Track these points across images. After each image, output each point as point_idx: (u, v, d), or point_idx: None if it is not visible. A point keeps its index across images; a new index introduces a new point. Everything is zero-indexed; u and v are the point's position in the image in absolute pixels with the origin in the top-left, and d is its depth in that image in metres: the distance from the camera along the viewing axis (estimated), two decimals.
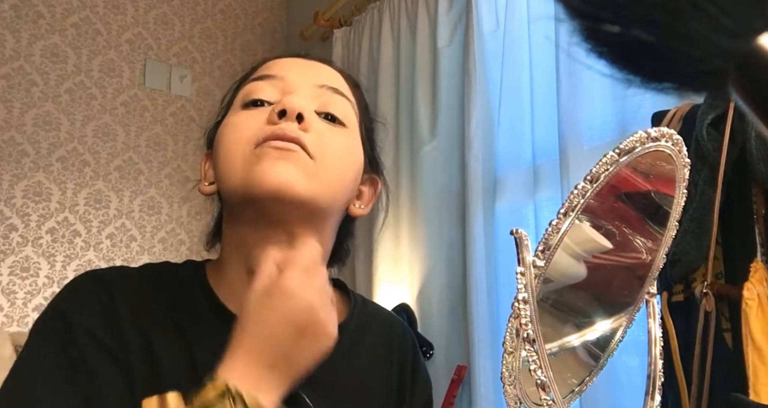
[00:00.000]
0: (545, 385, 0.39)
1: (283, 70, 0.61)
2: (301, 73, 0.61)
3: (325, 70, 0.64)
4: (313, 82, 0.61)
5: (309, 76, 0.61)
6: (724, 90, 0.26)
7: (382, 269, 1.95)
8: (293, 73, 0.61)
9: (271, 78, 0.60)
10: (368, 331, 0.70)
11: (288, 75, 0.61)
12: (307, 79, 0.61)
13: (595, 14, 0.27)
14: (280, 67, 0.62)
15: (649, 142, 0.42)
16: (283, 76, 0.60)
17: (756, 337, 0.93)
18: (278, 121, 0.56)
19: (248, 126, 0.57)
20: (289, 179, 0.54)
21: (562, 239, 0.41)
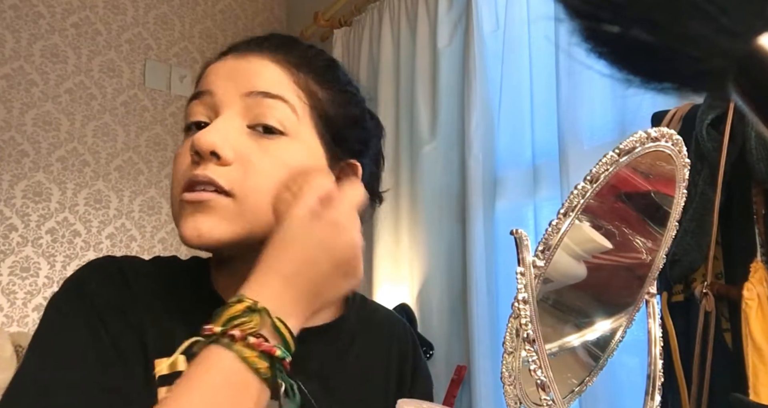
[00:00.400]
0: (545, 385, 0.39)
1: (212, 84, 0.58)
2: (227, 83, 0.57)
3: (256, 70, 0.58)
4: (241, 90, 0.57)
5: (237, 84, 0.57)
6: (724, 90, 0.26)
7: (382, 269, 1.95)
8: (220, 85, 0.57)
9: (203, 95, 0.58)
10: (368, 327, 0.70)
11: (216, 89, 0.57)
12: (234, 89, 0.57)
13: (595, 14, 0.27)
14: (210, 79, 0.59)
15: (649, 143, 0.42)
16: (212, 91, 0.57)
17: (756, 337, 0.93)
18: (198, 161, 0.54)
19: (180, 163, 0.57)
20: (202, 231, 0.53)
21: (562, 239, 0.41)
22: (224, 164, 0.54)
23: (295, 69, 0.60)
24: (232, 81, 0.57)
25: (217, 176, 0.53)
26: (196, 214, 0.53)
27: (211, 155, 0.53)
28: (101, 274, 0.59)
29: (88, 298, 0.56)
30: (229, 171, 0.54)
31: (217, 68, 0.59)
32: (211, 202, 0.53)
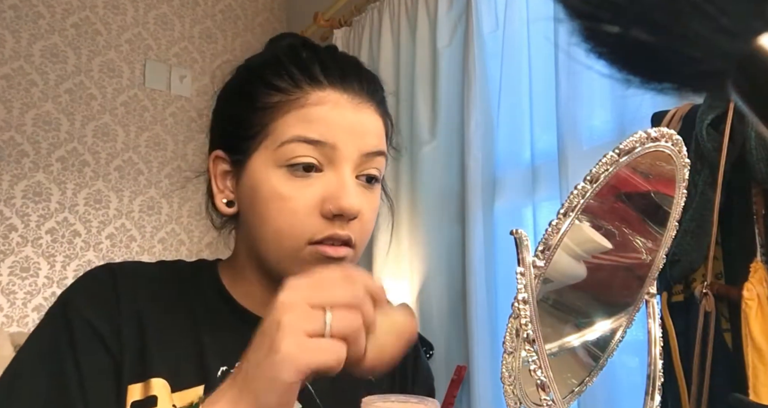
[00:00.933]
0: (545, 385, 0.39)
1: (334, 138, 0.59)
2: (350, 141, 0.60)
3: (371, 128, 0.62)
4: (362, 149, 0.60)
5: (357, 142, 0.60)
6: (724, 90, 0.26)
7: (382, 269, 1.95)
8: (343, 141, 0.59)
9: (322, 145, 0.58)
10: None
11: (338, 144, 0.59)
12: (355, 146, 0.60)
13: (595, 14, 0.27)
14: (331, 131, 0.59)
15: (648, 143, 0.42)
16: (333, 144, 0.59)
17: (756, 337, 0.93)
18: (333, 219, 0.58)
19: (298, 209, 0.58)
20: None
21: (562, 239, 0.41)
22: (353, 221, 0.59)
23: (385, 115, 0.65)
24: (353, 137, 0.60)
25: (352, 234, 0.59)
26: (330, 265, 0.57)
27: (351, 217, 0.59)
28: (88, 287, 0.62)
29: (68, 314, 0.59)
30: (356, 226, 0.60)
31: (334, 117, 0.60)
32: (346, 256, 0.60)
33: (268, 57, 0.65)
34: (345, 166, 0.59)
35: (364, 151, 0.60)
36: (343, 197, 0.57)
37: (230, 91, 0.67)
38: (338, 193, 0.57)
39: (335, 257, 0.58)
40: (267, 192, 0.59)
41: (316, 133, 0.58)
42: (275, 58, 0.63)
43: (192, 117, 2.56)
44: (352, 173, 0.60)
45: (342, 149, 0.59)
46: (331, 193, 0.58)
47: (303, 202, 0.58)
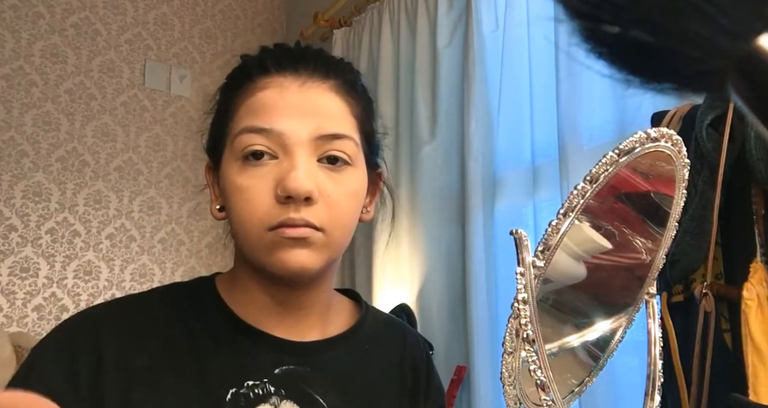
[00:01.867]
0: (545, 385, 0.39)
1: (279, 123, 0.58)
2: (297, 124, 0.59)
3: (322, 108, 0.60)
4: (312, 133, 0.59)
5: (306, 125, 0.59)
6: (724, 90, 0.26)
7: (382, 270, 1.95)
8: (289, 126, 0.58)
9: (268, 133, 0.58)
10: (381, 336, 0.72)
11: (284, 129, 0.58)
12: (304, 130, 0.59)
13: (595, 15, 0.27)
14: (275, 116, 0.59)
15: (648, 143, 0.42)
16: (280, 131, 0.58)
17: (755, 337, 0.93)
18: (286, 202, 0.57)
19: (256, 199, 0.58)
20: (306, 264, 0.58)
21: (562, 240, 0.41)
22: (312, 204, 0.58)
23: (348, 97, 0.63)
24: (300, 120, 0.59)
25: (311, 217, 0.57)
26: (296, 249, 0.58)
27: (304, 199, 0.57)
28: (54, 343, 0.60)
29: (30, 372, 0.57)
30: (317, 209, 0.58)
31: (278, 100, 0.59)
32: (310, 238, 0.58)
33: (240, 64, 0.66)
34: (297, 150, 0.58)
35: (316, 134, 0.59)
36: (290, 178, 0.56)
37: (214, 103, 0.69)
38: (286, 175, 0.57)
39: (295, 237, 0.57)
40: (229, 186, 0.60)
41: (260, 121, 0.59)
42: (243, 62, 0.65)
43: (192, 117, 2.56)
44: (310, 156, 0.59)
45: (290, 134, 0.58)
46: (281, 177, 0.57)
47: (257, 191, 0.58)
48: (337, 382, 0.64)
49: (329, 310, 0.69)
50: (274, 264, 0.58)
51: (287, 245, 0.57)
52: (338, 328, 0.68)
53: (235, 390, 0.59)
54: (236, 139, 0.59)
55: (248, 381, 0.60)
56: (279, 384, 0.61)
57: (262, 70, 0.61)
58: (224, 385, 0.59)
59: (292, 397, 0.61)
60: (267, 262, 0.59)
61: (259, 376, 0.61)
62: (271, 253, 0.58)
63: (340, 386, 0.64)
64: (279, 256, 0.58)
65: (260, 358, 0.62)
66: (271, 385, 0.61)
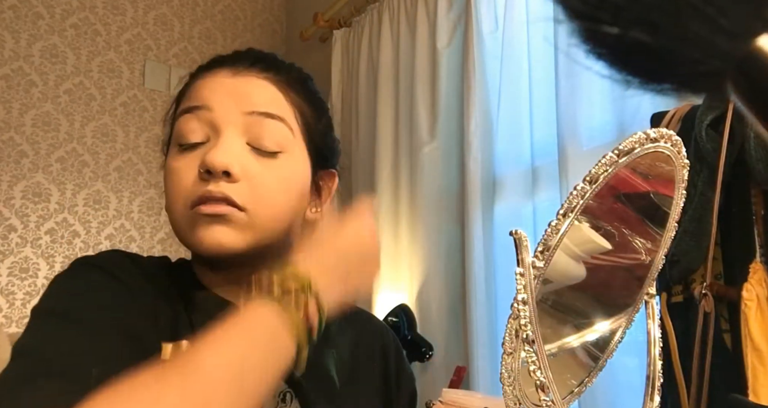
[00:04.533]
0: (544, 385, 0.39)
1: (209, 99, 0.60)
2: (227, 101, 0.60)
3: (253, 89, 0.62)
4: (241, 109, 0.60)
5: (237, 102, 0.60)
6: (723, 91, 0.26)
7: (382, 270, 1.95)
8: (219, 102, 0.60)
9: (199, 109, 0.60)
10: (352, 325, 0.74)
11: (214, 105, 0.60)
12: (234, 107, 0.60)
13: (594, 15, 0.27)
14: (206, 94, 0.61)
15: (648, 143, 0.42)
16: (210, 107, 0.60)
17: (755, 337, 0.93)
18: (207, 178, 0.58)
19: (183, 178, 0.60)
20: (222, 241, 0.58)
21: (562, 240, 0.41)
22: (233, 181, 0.58)
23: (286, 87, 0.64)
24: (232, 98, 0.60)
25: (230, 193, 0.58)
26: (214, 226, 0.58)
27: (222, 174, 0.57)
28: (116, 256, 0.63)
29: (107, 269, 0.59)
30: (239, 187, 0.58)
31: (211, 84, 0.62)
32: (228, 215, 0.58)
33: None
34: (226, 129, 0.59)
35: (244, 110, 0.60)
36: (208, 154, 0.57)
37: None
38: (208, 152, 0.58)
39: (211, 214, 0.58)
40: (166, 172, 0.62)
41: (192, 101, 0.61)
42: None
43: None
44: (239, 136, 0.59)
45: (218, 110, 0.59)
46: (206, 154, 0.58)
47: (185, 172, 0.60)
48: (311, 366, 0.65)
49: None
50: (195, 242, 0.59)
51: (205, 221, 0.58)
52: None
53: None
54: (175, 125, 0.62)
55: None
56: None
57: (205, 68, 0.64)
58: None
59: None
60: (190, 242, 0.60)
61: None
62: (192, 230, 0.59)
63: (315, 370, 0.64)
64: (198, 233, 0.58)
65: None
66: None
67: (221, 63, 0.63)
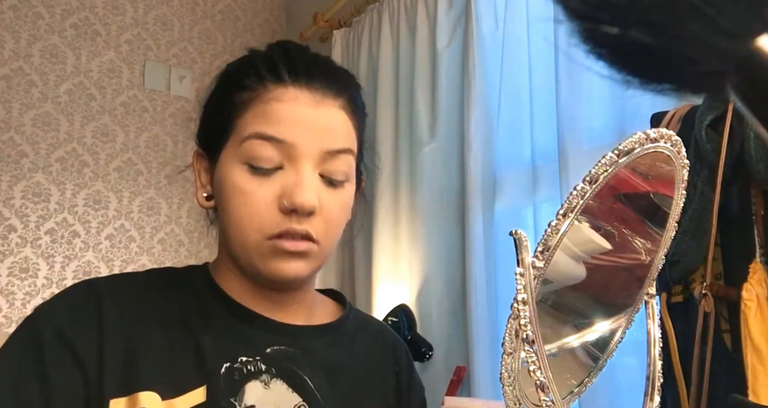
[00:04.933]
0: (544, 386, 0.39)
1: (292, 135, 0.60)
2: (308, 137, 0.60)
3: (332, 124, 0.62)
4: (321, 147, 0.61)
5: (317, 139, 0.61)
6: (723, 91, 0.26)
7: (382, 270, 1.95)
8: (300, 138, 0.60)
9: (279, 142, 0.60)
10: (364, 331, 0.75)
11: (296, 141, 0.60)
12: (314, 143, 0.60)
13: (594, 16, 0.27)
14: (289, 129, 0.60)
15: (648, 143, 0.42)
16: (292, 143, 0.60)
17: (755, 338, 0.93)
18: (290, 214, 0.60)
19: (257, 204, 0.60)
20: (299, 273, 0.62)
21: (562, 240, 0.41)
22: (312, 217, 0.61)
23: (354, 114, 0.65)
24: (313, 135, 0.61)
25: (310, 229, 0.60)
26: (294, 261, 0.61)
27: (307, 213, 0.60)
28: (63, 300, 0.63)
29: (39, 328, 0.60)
30: (317, 222, 0.61)
31: (293, 115, 0.60)
32: (308, 251, 0.61)
33: (245, 59, 0.66)
34: (304, 163, 0.60)
35: (325, 148, 0.61)
36: (297, 193, 0.59)
37: (210, 91, 0.69)
38: (293, 189, 0.59)
39: (293, 251, 0.60)
40: (230, 187, 0.61)
41: (274, 131, 0.60)
42: (250, 59, 0.65)
43: (191, 118, 2.54)
44: (314, 170, 0.61)
45: (301, 147, 0.60)
46: (287, 189, 0.59)
47: (261, 198, 0.60)
48: (323, 366, 0.67)
49: (314, 304, 0.73)
50: (269, 271, 0.61)
51: (285, 256, 0.60)
52: (322, 319, 0.72)
53: (229, 364, 0.62)
54: (245, 142, 0.60)
55: (242, 357, 0.63)
56: (270, 363, 0.64)
57: (277, 80, 0.62)
58: (219, 358, 0.61)
59: (281, 376, 0.64)
60: (261, 268, 0.62)
61: (252, 354, 0.63)
62: (268, 261, 0.61)
63: (327, 371, 0.66)
64: (276, 265, 0.61)
65: (253, 337, 0.64)
66: (262, 363, 0.63)
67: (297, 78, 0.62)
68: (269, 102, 0.61)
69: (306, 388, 0.64)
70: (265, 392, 0.62)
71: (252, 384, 0.62)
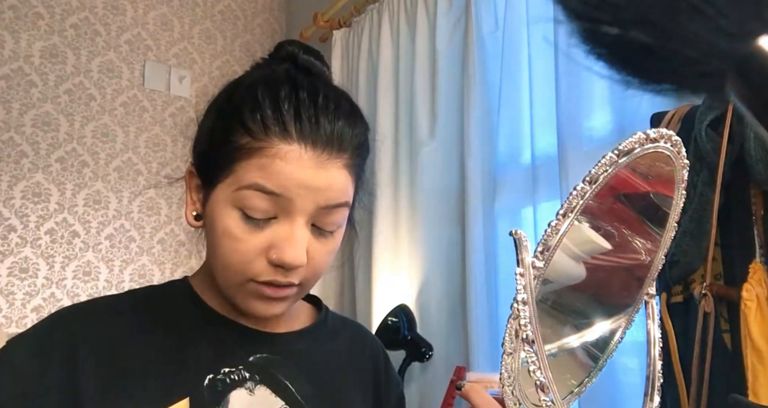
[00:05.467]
0: (544, 386, 0.39)
1: (290, 192, 0.59)
2: (307, 194, 0.60)
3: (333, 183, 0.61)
4: (318, 203, 0.60)
5: (315, 196, 0.60)
6: (723, 91, 0.26)
7: (381, 270, 1.95)
8: (299, 195, 0.59)
9: (277, 196, 0.59)
10: (342, 331, 0.78)
11: (294, 198, 0.59)
12: (312, 200, 0.60)
13: (594, 16, 0.27)
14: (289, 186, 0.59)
15: (648, 144, 0.42)
16: (290, 198, 0.59)
17: (755, 338, 0.93)
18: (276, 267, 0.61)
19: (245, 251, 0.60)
20: (278, 313, 0.65)
21: (561, 240, 0.41)
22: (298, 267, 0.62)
23: (355, 167, 0.64)
24: (311, 193, 0.60)
25: (295, 279, 0.62)
26: (273, 303, 0.63)
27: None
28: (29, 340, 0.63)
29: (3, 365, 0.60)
30: (302, 271, 0.62)
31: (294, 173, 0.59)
32: (289, 295, 0.63)
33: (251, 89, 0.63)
34: (298, 218, 0.60)
35: (322, 204, 0.61)
36: (287, 250, 0.59)
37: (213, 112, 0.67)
38: (284, 245, 0.60)
39: (275, 297, 0.62)
40: (221, 229, 0.61)
41: (273, 185, 0.59)
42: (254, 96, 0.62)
43: (191, 118, 2.53)
44: (307, 223, 0.61)
45: (297, 203, 0.60)
46: (278, 242, 0.60)
47: (251, 246, 0.60)
48: (305, 370, 0.69)
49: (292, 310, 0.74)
50: (249, 309, 0.64)
51: (265, 299, 0.63)
52: (301, 323, 0.75)
53: (212, 376, 0.64)
54: (242, 190, 0.60)
55: (224, 368, 0.65)
56: (253, 370, 0.66)
57: (283, 136, 0.60)
58: (202, 372, 0.63)
59: (265, 382, 0.66)
60: (241, 305, 0.64)
61: (235, 364, 0.65)
62: (248, 300, 0.63)
63: (308, 374, 0.69)
64: (256, 305, 0.63)
65: (236, 347, 0.67)
66: (245, 371, 0.66)
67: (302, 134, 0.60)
68: (273, 158, 0.59)
69: (288, 392, 0.66)
70: (250, 399, 0.64)
71: (237, 392, 0.64)
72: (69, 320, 0.64)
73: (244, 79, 0.66)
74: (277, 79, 0.63)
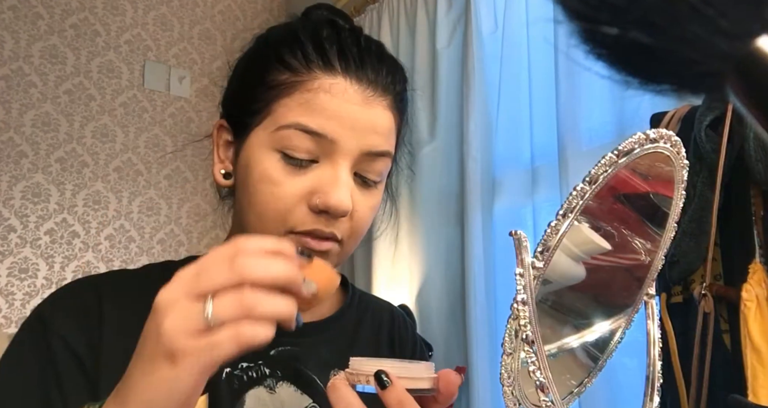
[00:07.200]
0: (544, 386, 0.39)
1: (335, 132, 0.55)
2: (351, 135, 0.55)
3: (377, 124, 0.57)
4: (362, 147, 0.56)
5: (359, 139, 0.56)
6: (723, 92, 0.26)
7: (381, 270, 1.95)
8: (343, 136, 0.55)
9: (320, 137, 0.55)
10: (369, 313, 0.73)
11: (339, 139, 0.55)
12: (356, 143, 0.56)
13: (594, 16, 0.27)
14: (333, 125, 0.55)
15: (647, 144, 0.42)
16: (334, 140, 0.55)
17: (754, 338, 0.93)
18: (320, 214, 0.55)
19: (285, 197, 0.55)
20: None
21: (561, 240, 0.41)
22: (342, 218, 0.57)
23: (398, 112, 0.61)
24: (356, 134, 0.56)
25: (337, 231, 0.57)
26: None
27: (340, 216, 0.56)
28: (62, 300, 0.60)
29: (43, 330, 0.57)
30: (345, 224, 0.57)
31: (339, 110, 0.55)
32: (330, 251, 0.57)
33: (289, 30, 0.60)
34: (342, 162, 0.56)
35: (366, 149, 0.56)
36: (332, 194, 0.54)
37: (244, 61, 0.64)
38: (328, 189, 0.55)
39: (318, 250, 0.56)
40: (258, 174, 0.56)
41: (316, 124, 0.55)
42: (294, 33, 0.59)
43: (191, 118, 2.56)
44: (350, 169, 0.57)
45: (342, 144, 0.55)
46: (321, 187, 0.55)
47: (292, 191, 0.55)
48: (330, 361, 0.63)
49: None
50: None
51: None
52: (328, 310, 0.69)
53: (230, 370, 0.58)
54: (283, 130, 0.55)
55: (243, 362, 0.59)
56: (275, 365, 0.60)
57: (327, 67, 0.56)
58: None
59: (288, 378, 0.60)
60: None
61: (254, 358, 0.60)
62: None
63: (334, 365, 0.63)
64: None
65: None
66: (266, 366, 0.60)
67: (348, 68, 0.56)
68: (316, 92, 0.55)
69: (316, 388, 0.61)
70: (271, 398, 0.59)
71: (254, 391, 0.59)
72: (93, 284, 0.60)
73: (276, 28, 0.63)
74: (316, 21, 0.60)
